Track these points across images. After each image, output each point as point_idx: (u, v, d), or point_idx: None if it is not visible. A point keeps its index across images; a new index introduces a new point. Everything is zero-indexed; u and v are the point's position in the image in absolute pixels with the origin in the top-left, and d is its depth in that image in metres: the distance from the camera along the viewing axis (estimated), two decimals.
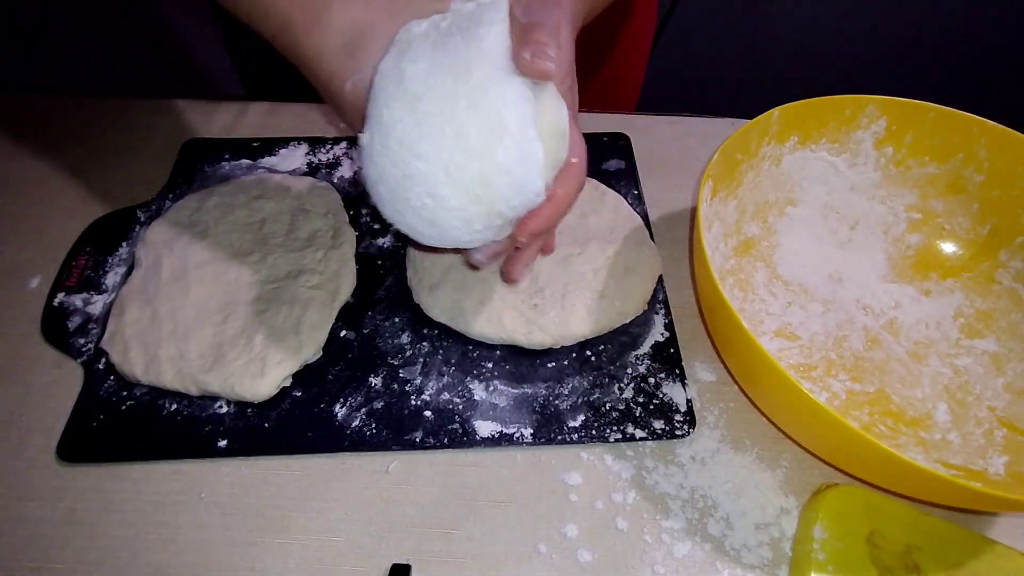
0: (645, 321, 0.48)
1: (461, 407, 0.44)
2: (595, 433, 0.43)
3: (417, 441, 0.42)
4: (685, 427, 0.43)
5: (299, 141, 0.59)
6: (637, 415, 0.43)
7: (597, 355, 0.46)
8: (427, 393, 0.44)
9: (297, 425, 0.43)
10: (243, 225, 0.51)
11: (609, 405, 0.44)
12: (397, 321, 0.48)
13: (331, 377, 0.45)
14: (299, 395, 0.44)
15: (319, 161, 0.58)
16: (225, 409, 0.43)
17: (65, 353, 0.46)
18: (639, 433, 0.43)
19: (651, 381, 0.45)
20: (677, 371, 0.46)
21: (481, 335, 0.45)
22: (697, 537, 0.39)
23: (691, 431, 0.43)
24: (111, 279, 0.50)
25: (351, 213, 0.53)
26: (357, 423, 0.43)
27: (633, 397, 0.44)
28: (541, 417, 0.43)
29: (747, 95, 1.36)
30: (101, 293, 0.49)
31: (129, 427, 0.42)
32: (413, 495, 0.41)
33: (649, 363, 0.46)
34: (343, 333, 0.47)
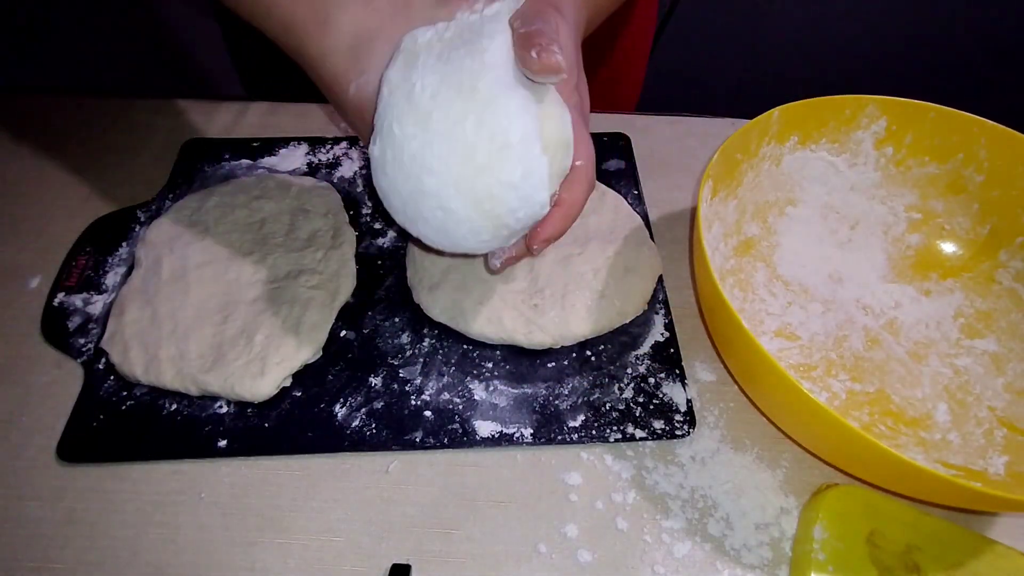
0: (645, 321, 0.48)
1: (461, 407, 0.44)
2: (595, 433, 0.43)
3: (417, 441, 0.42)
4: (685, 427, 0.43)
5: (299, 141, 0.59)
6: (637, 415, 0.43)
7: (597, 355, 0.46)
8: (427, 393, 0.44)
9: (297, 425, 0.43)
10: (243, 225, 0.51)
11: (609, 405, 0.44)
12: (397, 321, 0.48)
13: (331, 377, 0.45)
14: (299, 395, 0.44)
15: (319, 161, 0.58)
16: (225, 409, 0.43)
17: (65, 353, 0.46)
18: (639, 433, 0.43)
19: (651, 381, 0.45)
20: (677, 371, 0.46)
21: (481, 335, 0.45)
22: (697, 537, 0.39)
23: (691, 431, 0.43)
24: (111, 279, 0.50)
25: (351, 213, 0.53)
26: (357, 423, 0.43)
27: (633, 397, 0.44)
28: (541, 417, 0.43)
29: (747, 95, 1.35)
30: (101, 293, 0.49)
31: (129, 427, 0.42)
32: (413, 495, 0.41)
33: (649, 363, 0.46)
34: (343, 333, 0.47)
